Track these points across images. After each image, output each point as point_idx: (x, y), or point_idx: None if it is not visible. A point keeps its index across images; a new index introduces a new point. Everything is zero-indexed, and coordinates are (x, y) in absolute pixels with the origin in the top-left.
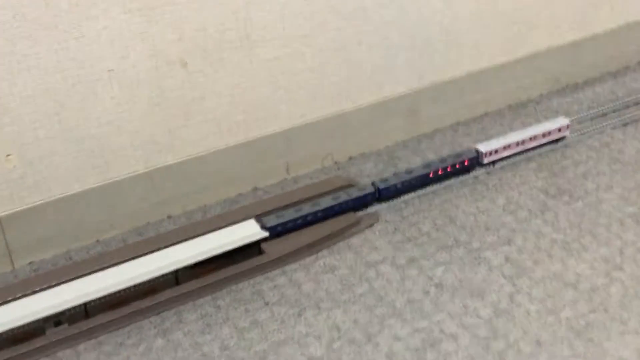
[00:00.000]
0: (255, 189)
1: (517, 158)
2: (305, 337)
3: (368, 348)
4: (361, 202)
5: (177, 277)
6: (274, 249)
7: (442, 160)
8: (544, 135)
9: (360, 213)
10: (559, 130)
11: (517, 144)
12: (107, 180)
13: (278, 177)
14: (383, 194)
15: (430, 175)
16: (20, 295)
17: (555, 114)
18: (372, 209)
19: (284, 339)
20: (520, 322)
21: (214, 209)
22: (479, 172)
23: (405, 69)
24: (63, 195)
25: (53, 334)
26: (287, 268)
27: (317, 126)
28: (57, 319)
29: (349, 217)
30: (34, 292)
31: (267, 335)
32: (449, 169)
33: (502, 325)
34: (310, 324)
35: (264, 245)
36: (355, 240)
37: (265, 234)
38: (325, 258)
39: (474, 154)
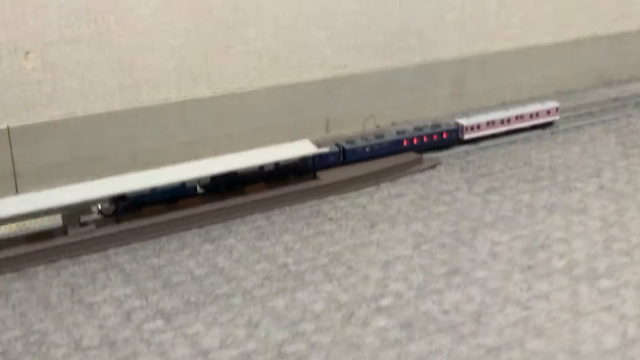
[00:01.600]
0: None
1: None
2: (385, 242)
3: (464, 250)
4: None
5: (223, 187)
6: (329, 176)
7: (418, 129)
8: (531, 116)
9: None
10: (548, 112)
11: (502, 121)
12: (134, 105)
13: (316, 135)
14: (348, 156)
15: (404, 143)
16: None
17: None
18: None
19: (359, 243)
20: (637, 230)
21: None
22: (460, 149)
23: (454, 31)
24: (84, 114)
25: (78, 233)
26: (347, 195)
27: (360, 80)
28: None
29: (410, 155)
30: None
31: (337, 241)
32: (424, 139)
33: (617, 232)
34: (387, 233)
35: (319, 173)
36: (420, 177)
37: (323, 150)
38: (388, 188)
39: (453, 127)
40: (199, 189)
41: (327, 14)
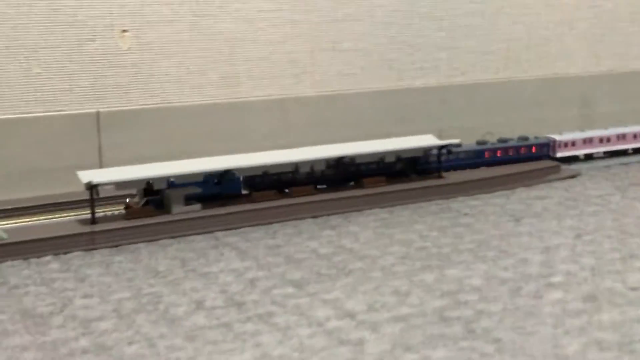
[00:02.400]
0: None
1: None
2: (538, 233)
3: (635, 240)
4: None
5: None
6: (456, 177)
7: (502, 140)
8: (635, 137)
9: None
10: None
11: (601, 140)
12: (233, 98)
13: None
14: None
15: (485, 156)
16: None
17: None
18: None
19: (506, 233)
20: None
21: None
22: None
23: (582, 46)
24: (179, 104)
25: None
26: (479, 196)
27: (477, 90)
28: None
29: (547, 162)
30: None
31: (479, 231)
32: (510, 153)
33: None
34: (537, 226)
35: (445, 174)
36: (558, 184)
37: (451, 141)
38: (524, 192)
39: (544, 142)
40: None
41: (444, 15)
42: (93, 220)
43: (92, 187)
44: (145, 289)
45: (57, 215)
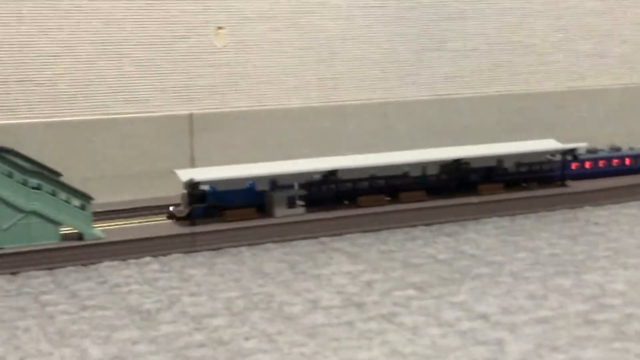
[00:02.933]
0: None
1: None
2: None
3: None
4: None
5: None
6: (581, 185)
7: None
8: None
9: None
10: None
11: None
12: (332, 101)
13: None
14: None
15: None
16: None
17: None
18: None
19: None
20: None
21: None
22: None
23: None
24: (276, 107)
25: None
26: (611, 206)
27: (599, 96)
28: None
29: None
30: None
31: (615, 239)
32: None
33: None
34: None
35: (568, 182)
36: None
37: (577, 145)
38: None
39: None
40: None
41: (561, 15)
42: (192, 222)
43: (192, 185)
44: (254, 289)
45: (150, 219)
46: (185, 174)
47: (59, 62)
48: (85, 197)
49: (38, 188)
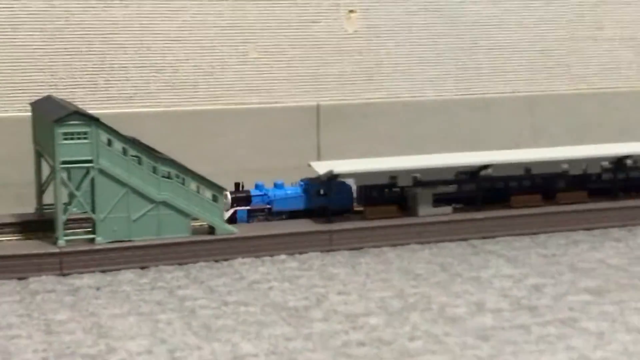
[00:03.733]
0: None
1: None
2: None
3: None
4: None
5: None
6: None
7: None
8: None
9: None
10: None
11: None
12: (477, 94)
13: None
14: None
15: None
16: None
17: None
18: None
19: None
20: None
21: None
22: None
23: None
24: (410, 99)
25: None
26: None
27: None
28: None
29: None
30: None
31: None
32: None
33: None
34: None
35: None
36: None
37: None
38: None
39: None
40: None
41: None
42: (329, 219)
43: (331, 178)
44: (407, 289)
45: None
46: (322, 167)
47: (181, 47)
48: (217, 188)
49: (168, 177)
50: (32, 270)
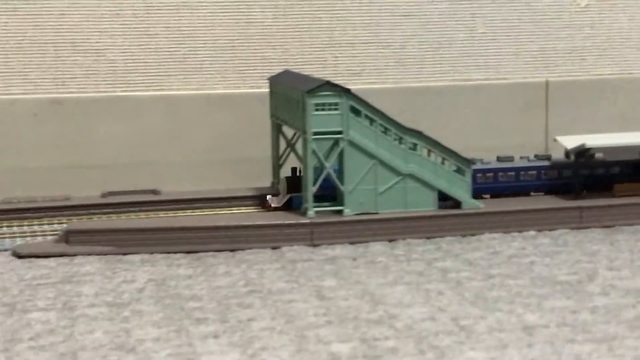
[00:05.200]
0: None
1: None
2: None
3: None
4: None
5: None
6: None
7: None
8: None
9: None
10: None
11: None
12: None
13: None
14: None
15: None
16: None
17: None
18: None
19: None
20: None
21: None
22: None
23: None
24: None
25: None
26: None
27: None
28: None
29: None
30: None
31: None
32: None
33: None
34: None
35: None
36: None
37: None
38: None
39: None
40: None
41: None
42: (577, 194)
43: (581, 153)
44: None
45: None
46: (570, 141)
47: (409, 23)
48: (463, 160)
49: (414, 149)
50: (285, 240)
